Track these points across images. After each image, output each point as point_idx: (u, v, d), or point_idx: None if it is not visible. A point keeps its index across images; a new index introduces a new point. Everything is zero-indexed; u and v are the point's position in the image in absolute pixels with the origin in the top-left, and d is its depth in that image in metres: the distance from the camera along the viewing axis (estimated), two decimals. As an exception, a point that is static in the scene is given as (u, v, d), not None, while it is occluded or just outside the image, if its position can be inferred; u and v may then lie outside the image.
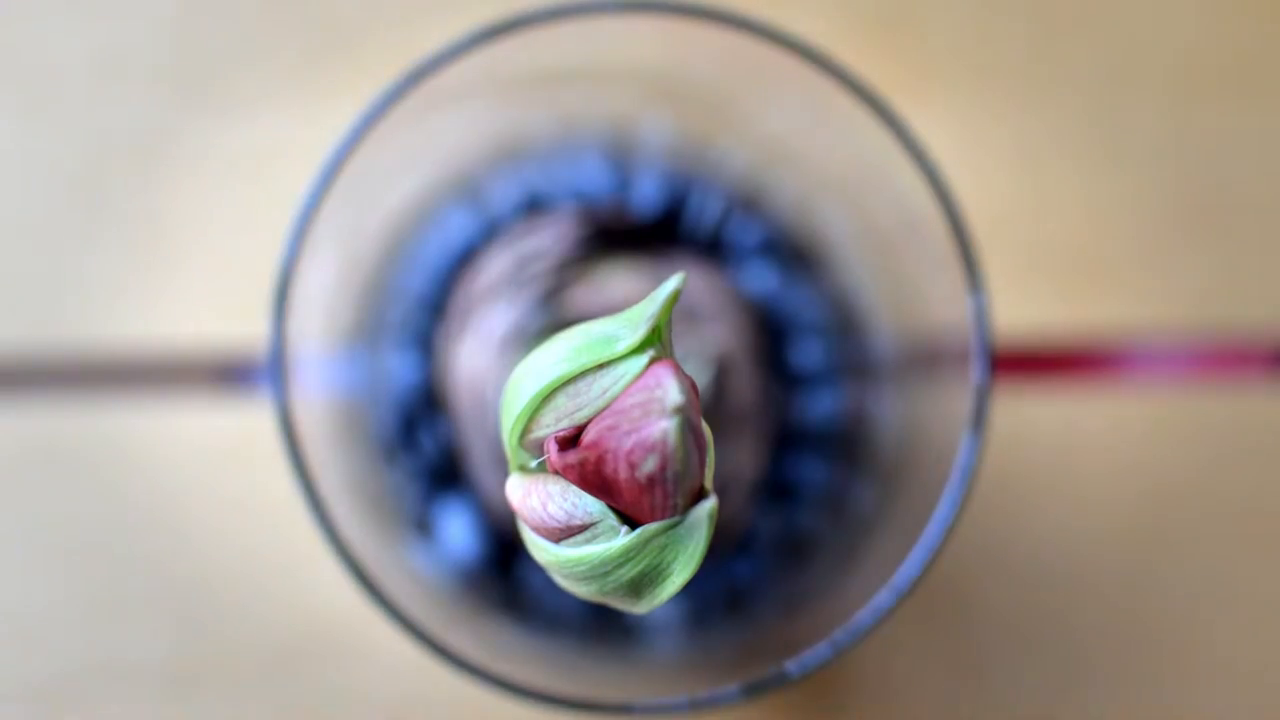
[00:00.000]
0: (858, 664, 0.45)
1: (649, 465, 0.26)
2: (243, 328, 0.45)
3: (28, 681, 0.44)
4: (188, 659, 0.44)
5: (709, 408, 0.40)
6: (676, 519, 0.27)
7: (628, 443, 0.26)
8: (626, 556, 0.27)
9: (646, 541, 0.27)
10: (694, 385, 0.27)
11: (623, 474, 0.26)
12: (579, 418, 0.27)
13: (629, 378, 0.27)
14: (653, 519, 0.27)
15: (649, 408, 0.26)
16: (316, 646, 0.44)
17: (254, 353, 0.45)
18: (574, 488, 0.27)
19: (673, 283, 0.27)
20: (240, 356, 0.45)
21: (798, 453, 0.42)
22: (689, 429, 0.26)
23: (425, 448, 0.41)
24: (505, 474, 0.36)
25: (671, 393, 0.26)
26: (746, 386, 0.41)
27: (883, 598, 0.35)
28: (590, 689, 0.37)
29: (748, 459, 0.41)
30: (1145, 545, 0.45)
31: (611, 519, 0.27)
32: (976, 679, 0.45)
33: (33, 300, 0.45)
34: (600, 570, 0.27)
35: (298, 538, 0.43)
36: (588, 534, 0.27)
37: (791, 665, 0.35)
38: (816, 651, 0.35)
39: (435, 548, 0.41)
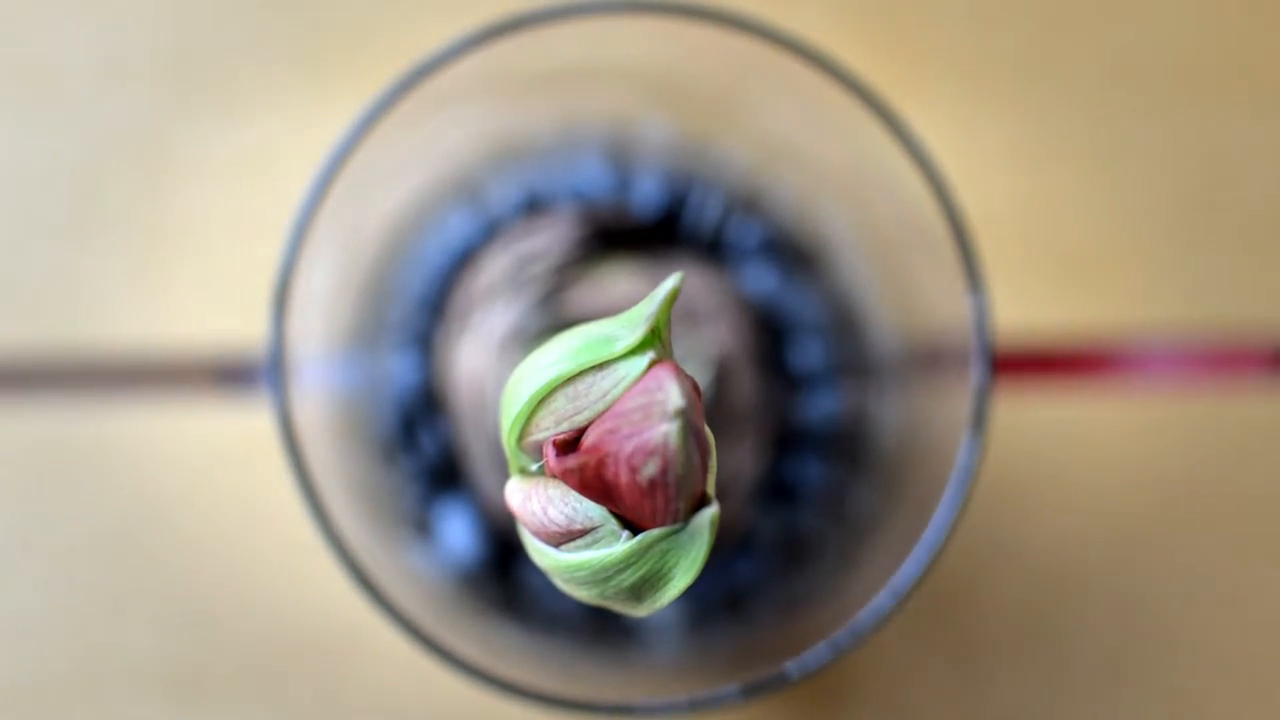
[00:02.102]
0: (858, 663, 0.45)
1: (650, 469, 0.26)
2: (243, 328, 0.45)
3: (25, 681, 0.44)
4: (186, 660, 0.44)
5: (709, 408, 0.40)
6: (678, 525, 0.26)
7: (628, 446, 0.26)
8: (628, 562, 0.27)
9: (648, 547, 0.27)
10: (696, 388, 0.27)
11: (623, 478, 0.26)
12: (578, 421, 0.27)
13: (629, 380, 0.27)
14: (654, 524, 0.26)
15: (650, 411, 0.26)
16: (316, 647, 0.44)
17: (254, 353, 0.45)
18: (574, 492, 0.27)
19: (671, 282, 0.27)
20: (240, 357, 0.45)
21: (798, 453, 0.42)
22: (691, 432, 0.26)
23: (425, 448, 0.41)
24: (505, 475, 0.36)
25: (673, 395, 0.26)
26: (746, 387, 0.41)
27: (883, 599, 0.35)
28: (590, 690, 0.37)
29: (748, 459, 0.41)
30: (1146, 545, 0.45)
31: (612, 524, 0.27)
32: (977, 678, 0.45)
33: (33, 301, 0.45)
34: (601, 575, 0.27)
35: (297, 538, 0.43)
36: (588, 539, 0.27)
37: (791, 666, 0.35)
38: (816, 653, 0.35)
39: (435, 548, 0.41)
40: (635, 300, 0.40)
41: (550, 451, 0.27)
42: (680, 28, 0.37)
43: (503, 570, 0.41)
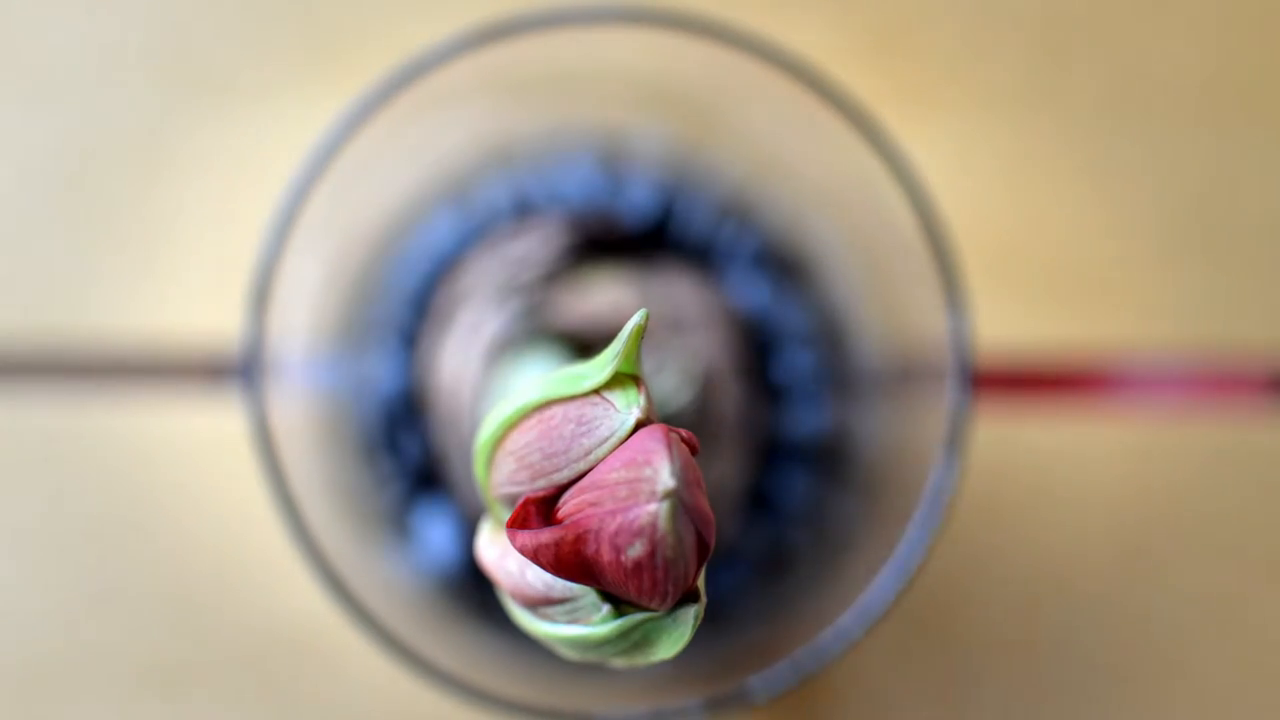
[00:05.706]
0: (842, 676, 0.44)
1: (636, 550, 0.24)
2: (234, 323, 0.45)
3: (3, 670, 0.44)
4: (167, 652, 0.44)
5: (694, 421, 0.40)
6: (660, 615, 0.25)
7: (612, 524, 0.24)
8: (608, 640, 0.26)
9: (630, 629, 0.25)
10: (694, 447, 0.25)
11: (605, 556, 0.24)
12: (558, 479, 0.26)
13: (615, 440, 0.25)
14: (639, 601, 0.25)
15: (637, 488, 0.24)
16: (298, 642, 0.44)
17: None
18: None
19: (635, 319, 0.26)
20: (230, 353, 0.45)
21: (782, 466, 0.41)
22: (682, 512, 0.24)
23: (407, 450, 0.41)
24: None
25: (663, 474, 0.24)
26: (732, 399, 0.40)
27: (848, 621, 0.34)
28: (565, 699, 0.37)
29: (732, 471, 0.41)
30: (1134, 570, 0.45)
31: (593, 596, 0.26)
32: (964, 698, 0.44)
33: (22, 293, 0.45)
34: (580, 646, 0.26)
35: (281, 534, 0.43)
36: (568, 607, 0.26)
37: (755, 683, 0.34)
38: (779, 671, 0.34)
39: (415, 551, 0.41)
40: (621, 310, 0.39)
41: (523, 514, 0.26)
42: (671, 39, 0.36)
43: (481, 575, 0.41)
